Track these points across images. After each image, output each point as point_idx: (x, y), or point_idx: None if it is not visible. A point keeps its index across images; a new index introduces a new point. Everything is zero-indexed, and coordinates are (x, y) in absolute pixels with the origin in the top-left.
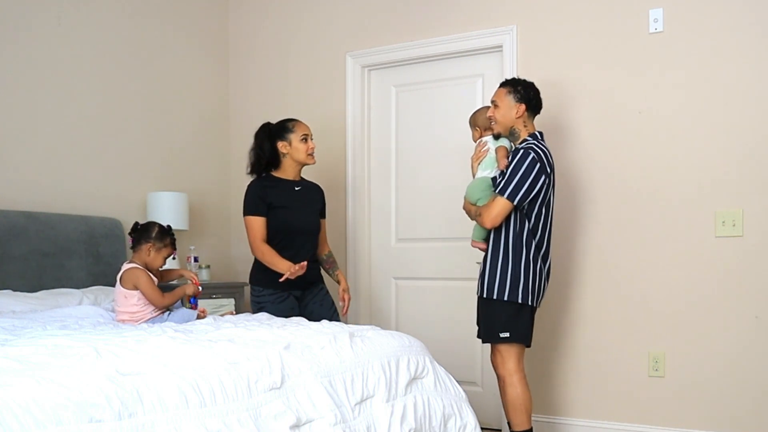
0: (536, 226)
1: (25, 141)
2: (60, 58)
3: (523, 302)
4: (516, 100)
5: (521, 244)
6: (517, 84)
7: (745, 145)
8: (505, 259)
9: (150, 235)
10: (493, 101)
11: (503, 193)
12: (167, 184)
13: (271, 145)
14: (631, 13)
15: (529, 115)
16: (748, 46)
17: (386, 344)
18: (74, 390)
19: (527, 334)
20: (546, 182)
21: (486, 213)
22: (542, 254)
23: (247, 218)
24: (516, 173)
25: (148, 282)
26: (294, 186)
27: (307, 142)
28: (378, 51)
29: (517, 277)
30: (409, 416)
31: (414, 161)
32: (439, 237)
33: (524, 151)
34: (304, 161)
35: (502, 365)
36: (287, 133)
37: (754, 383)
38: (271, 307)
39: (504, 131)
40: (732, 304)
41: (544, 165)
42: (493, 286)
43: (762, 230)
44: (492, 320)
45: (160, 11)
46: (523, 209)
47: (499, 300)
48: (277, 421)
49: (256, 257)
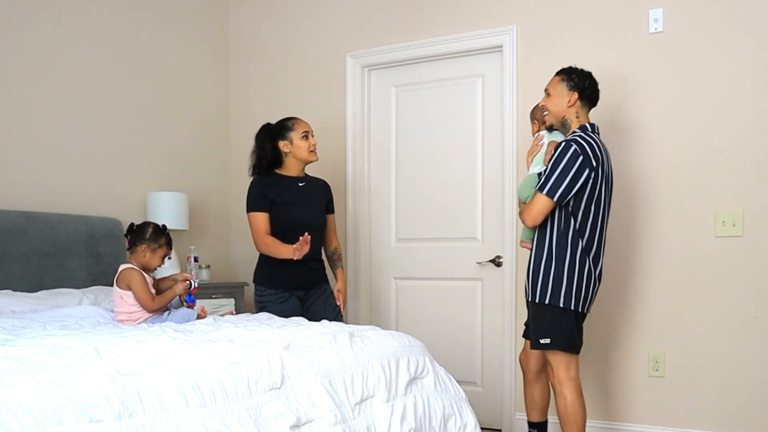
0: (584, 225)
1: (25, 141)
2: (60, 58)
3: (566, 306)
4: (569, 88)
5: (566, 244)
6: (572, 72)
7: (745, 144)
8: (549, 260)
9: (144, 236)
10: (546, 90)
11: (542, 189)
12: (167, 184)
13: (273, 145)
14: (631, 13)
15: (583, 106)
16: (748, 46)
17: (386, 344)
18: (74, 390)
19: (571, 341)
20: (592, 177)
21: (526, 211)
22: (592, 256)
23: (250, 215)
24: (556, 168)
25: (141, 283)
26: (298, 182)
27: (308, 139)
28: (378, 51)
29: (559, 280)
30: (409, 416)
31: (414, 161)
32: (439, 237)
33: (566, 144)
34: (306, 159)
35: (552, 374)
36: (288, 131)
37: (754, 383)
38: (273, 307)
39: (556, 122)
40: (732, 304)
41: (588, 158)
42: (536, 288)
43: (762, 230)
44: (535, 325)
45: (160, 11)
46: (568, 207)
47: (541, 303)
48: (277, 421)
49: (261, 251)
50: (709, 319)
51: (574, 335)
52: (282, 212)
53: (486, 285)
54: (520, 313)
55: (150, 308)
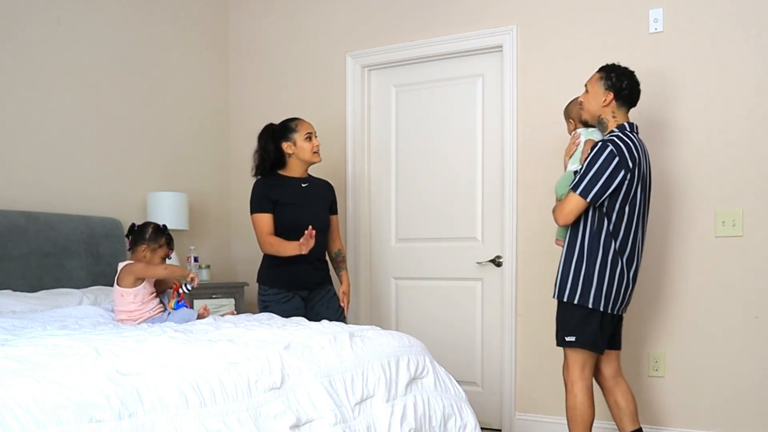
0: (618, 226)
1: (25, 141)
2: (60, 58)
3: (594, 307)
4: (605, 87)
5: (598, 245)
6: (612, 71)
7: (745, 144)
8: (579, 259)
9: (144, 237)
10: (585, 85)
11: (576, 188)
12: (167, 184)
13: (276, 146)
14: (631, 13)
15: (619, 106)
16: (748, 45)
17: (386, 344)
18: (74, 390)
19: (595, 340)
20: (627, 178)
21: (558, 209)
22: (626, 257)
23: (254, 216)
24: (591, 168)
25: (142, 265)
26: (301, 183)
27: (312, 140)
28: (378, 51)
29: (589, 280)
30: (409, 416)
31: (414, 161)
32: (439, 237)
33: (602, 144)
34: (309, 160)
35: (566, 371)
36: (291, 132)
37: (754, 383)
38: (276, 307)
39: (591, 120)
40: (732, 304)
41: (625, 159)
42: (565, 287)
43: (762, 230)
44: (560, 323)
45: (160, 11)
46: (603, 207)
47: (569, 303)
48: (277, 421)
49: (265, 252)
50: (709, 319)
51: (597, 336)
52: (285, 213)
53: (486, 285)
54: (520, 313)
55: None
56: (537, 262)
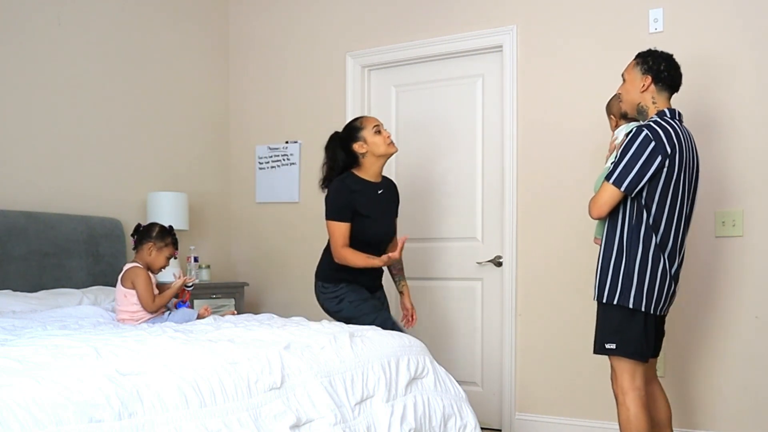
0: (658, 219)
1: (25, 141)
2: (60, 58)
3: (635, 307)
4: (642, 72)
5: (637, 239)
6: (648, 55)
7: (745, 144)
8: (618, 256)
9: (151, 235)
10: (622, 75)
11: (610, 178)
12: (167, 184)
13: (346, 151)
14: (631, 13)
15: (659, 90)
16: (748, 45)
17: (386, 344)
18: (74, 390)
19: (638, 348)
20: (666, 164)
21: (592, 202)
22: (668, 253)
23: (331, 223)
24: (624, 155)
25: (145, 281)
26: (377, 189)
27: (382, 132)
28: (378, 51)
29: (629, 278)
30: (409, 416)
31: (414, 161)
32: (439, 237)
33: (636, 130)
34: (386, 152)
35: (614, 381)
36: (358, 131)
37: (754, 383)
38: (352, 294)
39: (631, 110)
40: (732, 304)
41: (662, 144)
42: (604, 287)
43: (762, 230)
44: (600, 327)
45: (160, 11)
46: (641, 198)
47: (609, 303)
48: (277, 421)
49: (339, 262)
50: (709, 319)
51: (642, 341)
52: (362, 225)
53: (486, 285)
54: (520, 313)
55: (150, 309)
56: (537, 262)
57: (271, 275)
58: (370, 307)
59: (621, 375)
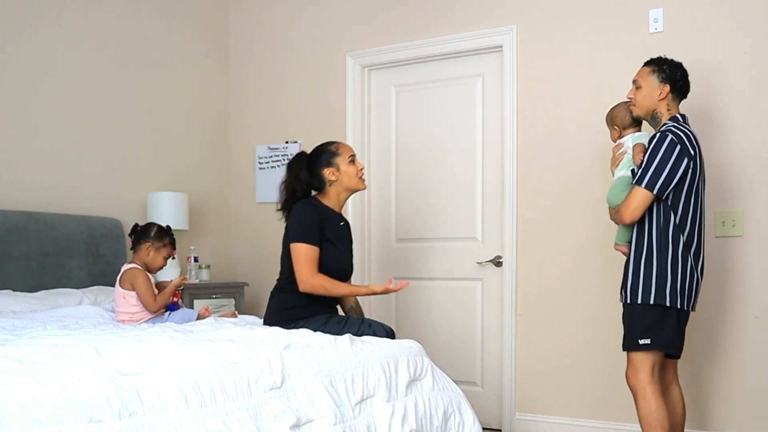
0: (684, 220)
1: (25, 141)
2: (60, 58)
3: (671, 305)
4: (660, 80)
5: (667, 240)
6: (663, 63)
7: (745, 145)
8: (649, 257)
9: (149, 235)
10: (635, 81)
11: (641, 182)
12: (167, 184)
13: (311, 173)
14: (631, 13)
15: (674, 98)
16: (748, 46)
17: (385, 346)
18: (74, 390)
19: (672, 341)
20: (691, 167)
21: (624, 207)
22: (693, 251)
23: (300, 246)
24: (653, 159)
25: (145, 283)
26: (339, 221)
27: (356, 164)
28: (378, 51)
29: (663, 277)
30: (410, 417)
31: (414, 161)
32: (439, 237)
33: (661, 135)
34: (355, 187)
35: (634, 376)
36: (333, 157)
37: (755, 383)
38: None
39: (645, 115)
40: (732, 304)
41: (686, 147)
42: (637, 288)
43: (762, 230)
44: (631, 326)
45: (160, 11)
46: (668, 201)
47: (643, 303)
48: (277, 421)
49: (309, 291)
50: (709, 319)
51: (676, 336)
52: (330, 253)
53: (486, 285)
54: (520, 313)
55: (152, 309)
56: (537, 262)
57: (271, 275)
58: (334, 324)
59: (642, 370)
